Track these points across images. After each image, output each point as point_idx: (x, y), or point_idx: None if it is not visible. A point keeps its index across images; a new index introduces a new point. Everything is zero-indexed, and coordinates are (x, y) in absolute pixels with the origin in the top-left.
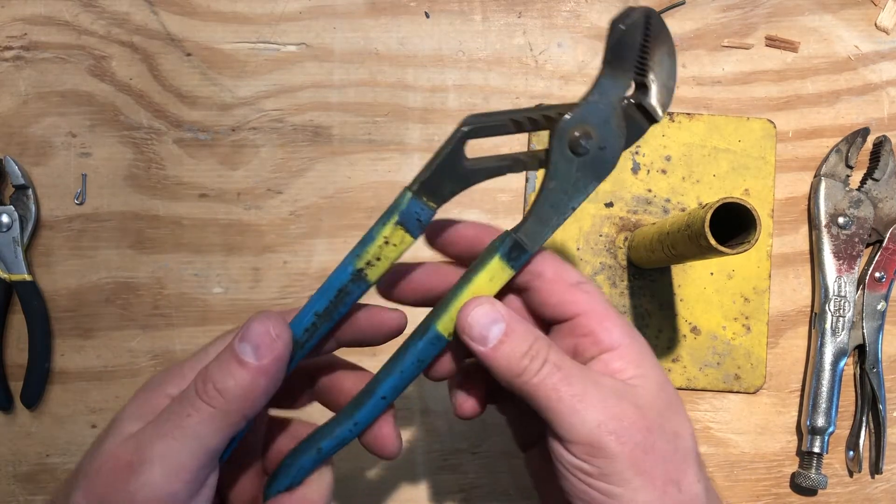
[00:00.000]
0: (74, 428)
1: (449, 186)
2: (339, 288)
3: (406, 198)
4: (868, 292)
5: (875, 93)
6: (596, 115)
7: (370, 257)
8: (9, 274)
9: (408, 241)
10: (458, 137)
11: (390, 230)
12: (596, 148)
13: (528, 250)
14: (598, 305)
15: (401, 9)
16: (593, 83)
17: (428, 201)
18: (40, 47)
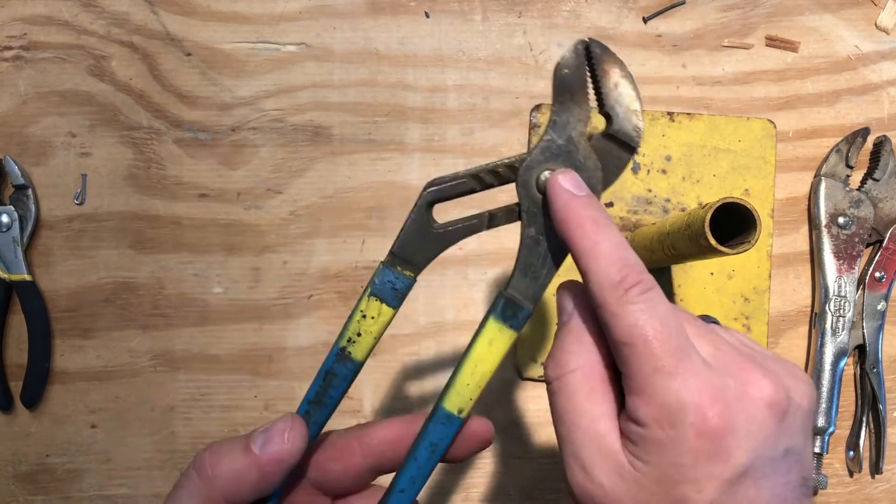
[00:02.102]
0: (74, 428)
1: (422, 253)
2: (327, 370)
3: (378, 270)
4: (868, 292)
5: (875, 93)
6: (558, 154)
7: (350, 334)
8: (9, 274)
9: (386, 312)
10: (422, 204)
11: (365, 303)
12: None
13: (525, 307)
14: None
15: (401, 9)
16: (547, 124)
17: (402, 270)
18: (40, 47)
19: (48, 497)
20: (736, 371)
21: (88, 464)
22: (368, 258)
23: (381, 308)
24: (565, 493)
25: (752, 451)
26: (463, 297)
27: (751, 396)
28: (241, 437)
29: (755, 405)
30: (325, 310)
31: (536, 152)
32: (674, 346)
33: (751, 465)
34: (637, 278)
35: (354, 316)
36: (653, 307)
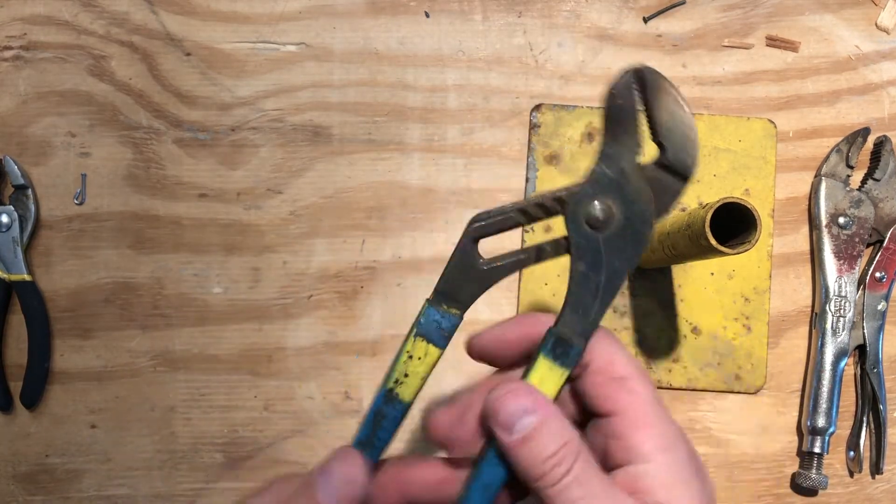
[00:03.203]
0: (74, 428)
1: (467, 290)
2: (375, 412)
3: (424, 309)
4: (868, 292)
5: (876, 92)
6: (609, 186)
7: (398, 375)
8: (8, 274)
9: (433, 352)
10: (467, 240)
11: (411, 344)
12: (620, 220)
13: (576, 345)
14: (639, 408)
15: (401, 8)
16: (597, 155)
17: (448, 308)
18: (40, 47)
19: (48, 497)
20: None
21: (88, 464)
22: (368, 258)
23: (427, 349)
24: None
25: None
26: None
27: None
28: (303, 481)
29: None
30: (324, 310)
31: (587, 186)
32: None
33: None
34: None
35: (401, 357)
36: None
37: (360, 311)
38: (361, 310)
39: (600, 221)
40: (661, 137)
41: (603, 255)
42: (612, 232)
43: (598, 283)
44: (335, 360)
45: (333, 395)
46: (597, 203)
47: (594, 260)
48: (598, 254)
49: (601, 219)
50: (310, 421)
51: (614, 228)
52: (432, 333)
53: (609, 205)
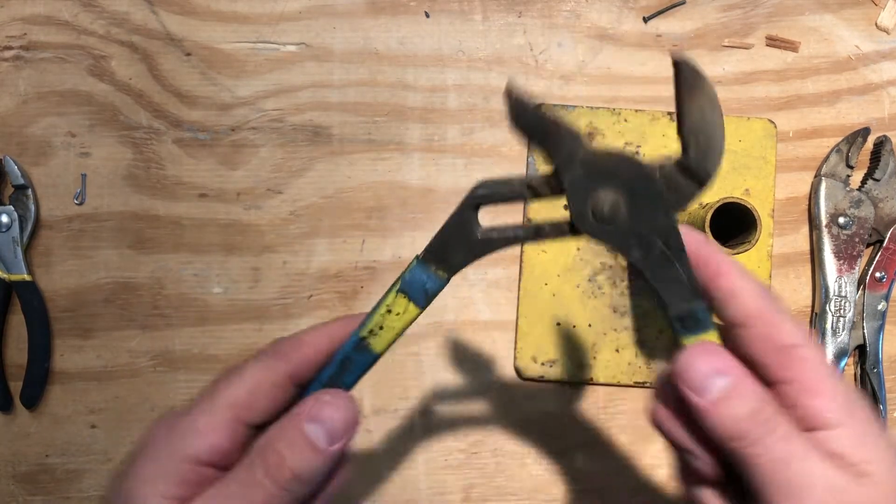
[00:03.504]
0: (74, 428)
1: (460, 255)
2: (343, 357)
3: (411, 266)
4: (868, 292)
5: (876, 92)
6: (589, 180)
7: (373, 325)
8: (8, 274)
9: (412, 311)
10: (469, 203)
11: (392, 298)
12: (628, 196)
13: (698, 308)
14: (813, 375)
15: (401, 9)
16: (557, 169)
17: (437, 270)
18: (40, 47)
19: (48, 497)
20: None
21: (88, 464)
22: (368, 258)
23: (407, 306)
24: (564, 493)
25: None
26: (463, 297)
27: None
28: (289, 431)
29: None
30: (324, 310)
31: (574, 196)
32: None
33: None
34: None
35: (379, 309)
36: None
37: (360, 310)
38: (361, 310)
39: (611, 214)
40: (686, 136)
41: (643, 231)
42: (628, 209)
43: (660, 251)
44: None
45: None
46: (596, 201)
47: (639, 241)
48: (637, 235)
49: (611, 211)
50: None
51: (628, 205)
52: (415, 291)
53: (607, 194)
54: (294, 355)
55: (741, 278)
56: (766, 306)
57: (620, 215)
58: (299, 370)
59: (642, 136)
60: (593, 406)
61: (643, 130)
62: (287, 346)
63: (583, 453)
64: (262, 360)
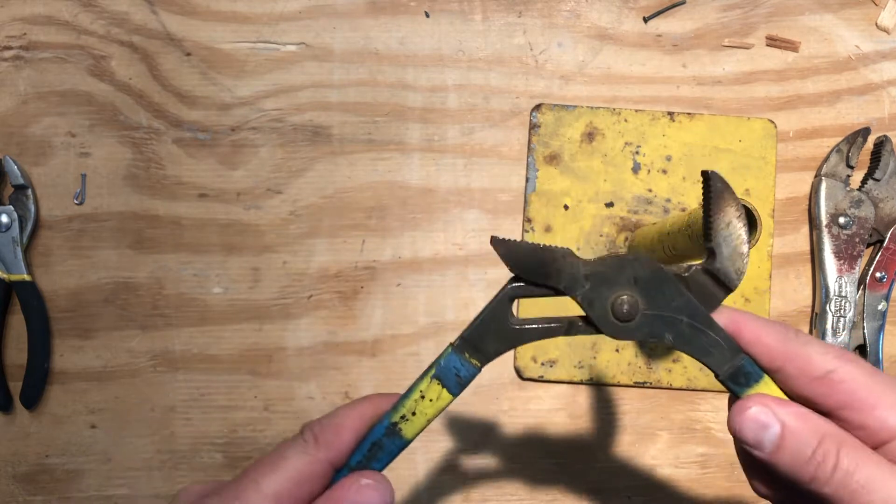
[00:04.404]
0: (73, 428)
1: (493, 345)
2: (373, 442)
3: (446, 353)
4: (869, 292)
5: (876, 92)
6: (596, 291)
7: (405, 411)
8: (8, 274)
9: (445, 397)
10: (506, 295)
11: (426, 384)
12: (639, 289)
13: (742, 361)
14: (860, 390)
15: (401, 8)
16: (566, 292)
17: (470, 358)
18: (40, 47)
19: (48, 497)
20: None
21: (88, 464)
22: (368, 258)
23: (440, 393)
24: (565, 493)
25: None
26: (463, 297)
27: None
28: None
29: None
30: (324, 310)
31: (595, 315)
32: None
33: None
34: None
35: (412, 394)
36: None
37: (360, 311)
38: (361, 310)
39: (630, 311)
40: (713, 244)
41: (665, 315)
42: (644, 299)
43: (687, 326)
44: (335, 360)
45: (333, 395)
46: (613, 305)
47: (664, 324)
48: (660, 320)
49: (628, 309)
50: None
51: (642, 296)
52: (449, 379)
53: (617, 295)
54: (335, 443)
55: (757, 325)
56: (788, 344)
57: (639, 309)
58: (337, 457)
59: (642, 136)
60: (593, 406)
61: (643, 130)
62: (328, 433)
63: (583, 453)
64: (304, 449)
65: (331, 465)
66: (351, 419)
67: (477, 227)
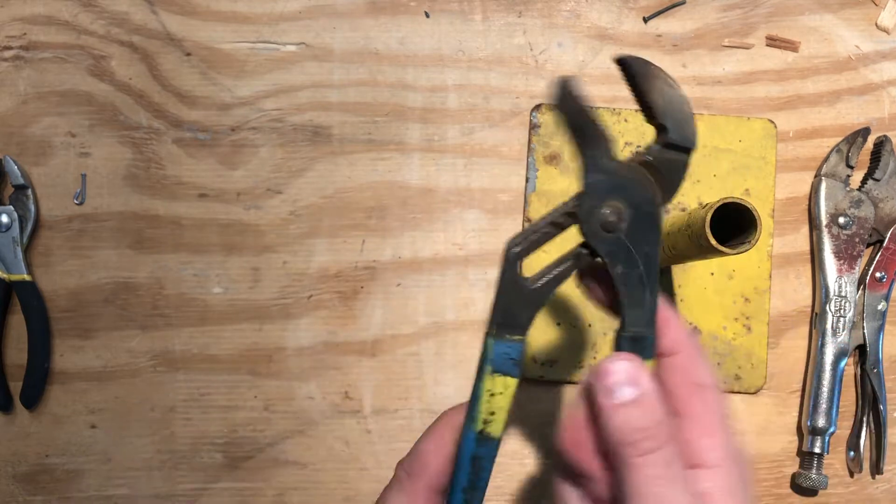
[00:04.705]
0: (74, 428)
1: (524, 313)
2: (471, 457)
3: (490, 345)
4: (869, 292)
5: (876, 92)
6: (607, 189)
7: (484, 414)
8: (8, 274)
9: (511, 383)
10: (509, 265)
11: (491, 382)
12: (630, 213)
13: (649, 335)
14: (711, 417)
15: (401, 8)
16: (581, 165)
17: (511, 336)
18: (40, 47)
19: (48, 497)
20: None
21: (88, 464)
22: (368, 258)
23: (505, 382)
24: None
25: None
26: (463, 297)
27: None
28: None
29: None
30: (324, 310)
31: (588, 198)
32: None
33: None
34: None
35: (482, 396)
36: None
37: (360, 311)
38: (361, 310)
39: (614, 224)
40: (660, 119)
41: (632, 250)
42: (628, 226)
43: (639, 274)
44: (335, 360)
45: (333, 395)
46: (605, 209)
47: (627, 257)
48: (627, 251)
49: (614, 221)
50: (310, 421)
51: (629, 222)
52: (506, 365)
53: (616, 206)
54: (427, 469)
55: (673, 313)
56: (691, 342)
57: (619, 228)
58: (434, 480)
59: (642, 136)
60: None
61: (643, 130)
62: (416, 464)
63: None
64: (400, 488)
65: (431, 490)
66: (433, 442)
67: (477, 227)
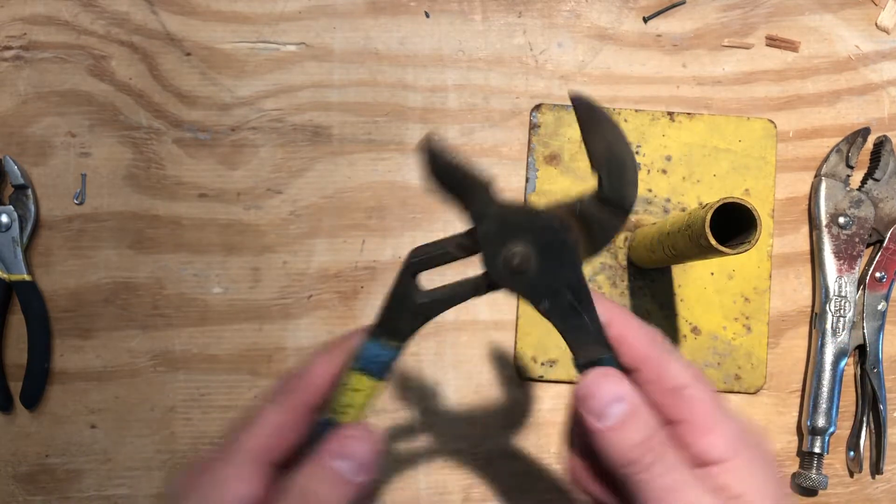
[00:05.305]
0: (74, 428)
1: (407, 323)
2: (314, 436)
3: (363, 344)
4: (868, 292)
5: (875, 92)
6: (500, 235)
7: (339, 406)
8: (8, 274)
9: (372, 384)
10: (406, 272)
11: (353, 378)
12: (538, 251)
13: (604, 357)
14: (700, 414)
15: (401, 8)
16: (470, 221)
17: (388, 341)
18: (40, 47)
19: (48, 497)
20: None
21: (88, 464)
22: (368, 258)
23: (368, 382)
24: (564, 492)
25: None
26: None
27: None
28: (320, 471)
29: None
30: (324, 310)
31: (486, 246)
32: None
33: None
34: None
35: (342, 390)
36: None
37: (360, 311)
38: (361, 310)
39: (521, 266)
40: (597, 169)
41: (551, 284)
42: (537, 262)
43: (568, 303)
44: None
45: None
46: (508, 254)
47: (548, 292)
48: (546, 286)
49: (520, 263)
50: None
51: (538, 258)
52: (372, 366)
53: (517, 249)
54: (308, 388)
55: (628, 325)
56: (652, 350)
57: (530, 268)
58: (312, 399)
59: (642, 136)
60: None
61: (643, 130)
62: (299, 381)
63: None
64: (276, 401)
65: (306, 409)
66: (321, 362)
67: None
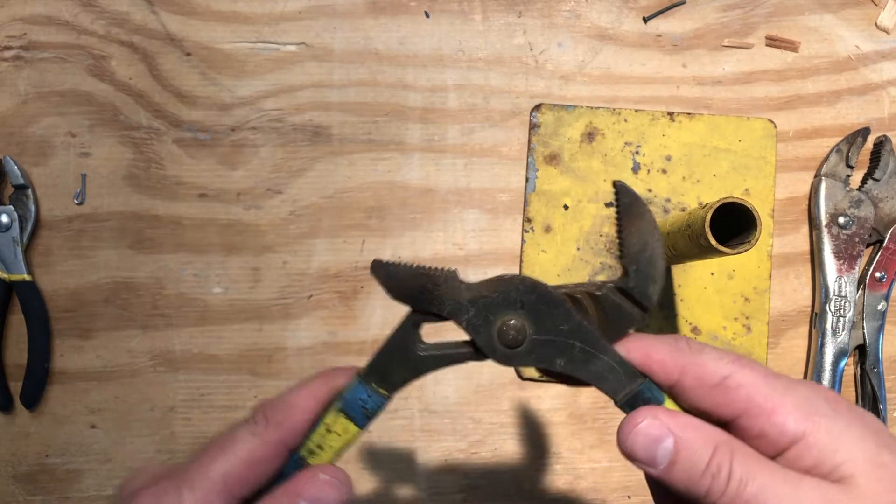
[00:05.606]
0: (74, 428)
1: (400, 373)
2: (282, 474)
3: (352, 384)
4: (868, 292)
5: (875, 92)
6: (482, 316)
7: (312, 445)
8: (8, 274)
9: (352, 430)
10: (409, 323)
11: (332, 418)
12: (527, 314)
13: (640, 385)
14: (757, 397)
15: (401, 8)
16: (449, 316)
17: (378, 388)
18: (40, 47)
19: (48, 497)
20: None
21: (88, 464)
22: (368, 258)
23: (347, 426)
24: (565, 493)
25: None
26: None
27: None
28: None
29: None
30: (324, 310)
31: (475, 336)
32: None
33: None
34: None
35: (319, 428)
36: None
37: (360, 311)
38: (361, 310)
39: (517, 337)
40: (627, 261)
41: (554, 340)
42: (533, 325)
43: (580, 350)
44: (335, 360)
45: None
46: (499, 331)
47: (554, 349)
48: (548, 344)
49: (515, 335)
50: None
51: (531, 321)
52: (355, 412)
53: (504, 320)
54: (286, 423)
55: (646, 345)
56: (680, 357)
57: (527, 334)
58: (290, 436)
59: (642, 136)
60: (593, 406)
61: (643, 130)
62: (279, 414)
63: (583, 453)
64: (254, 431)
65: (284, 446)
66: (303, 398)
67: (477, 227)
